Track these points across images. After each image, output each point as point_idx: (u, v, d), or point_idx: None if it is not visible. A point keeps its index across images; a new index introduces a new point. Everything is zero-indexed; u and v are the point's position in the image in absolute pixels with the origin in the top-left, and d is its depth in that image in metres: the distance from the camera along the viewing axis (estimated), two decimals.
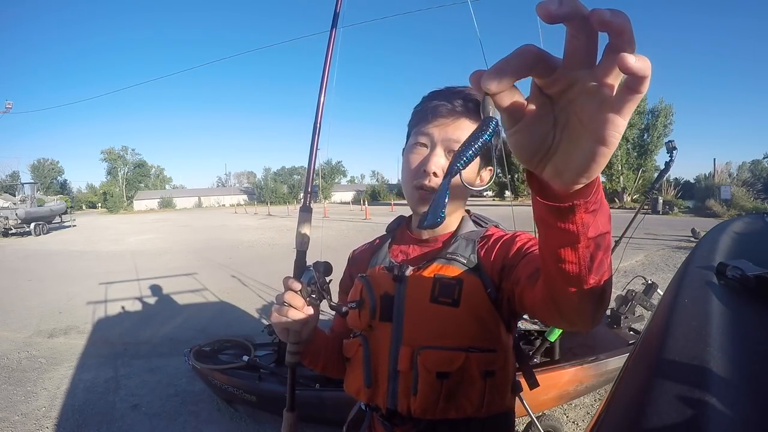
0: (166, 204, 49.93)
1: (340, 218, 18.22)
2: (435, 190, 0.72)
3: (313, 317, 0.74)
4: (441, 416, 0.70)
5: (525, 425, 2.12)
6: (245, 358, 2.48)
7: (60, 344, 4.02)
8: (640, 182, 24.65)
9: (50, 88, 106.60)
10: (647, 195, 3.13)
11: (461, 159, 0.29)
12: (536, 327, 2.28)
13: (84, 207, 51.55)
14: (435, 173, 0.72)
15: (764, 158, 24.66)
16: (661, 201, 17.45)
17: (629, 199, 23.72)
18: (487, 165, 0.79)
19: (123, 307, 5.20)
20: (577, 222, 0.36)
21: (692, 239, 8.72)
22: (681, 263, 0.83)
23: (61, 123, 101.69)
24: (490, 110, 0.29)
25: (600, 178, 0.35)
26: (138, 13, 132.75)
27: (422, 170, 0.73)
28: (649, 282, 2.67)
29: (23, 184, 20.64)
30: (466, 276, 0.71)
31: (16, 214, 15.40)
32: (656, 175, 2.76)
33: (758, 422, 0.32)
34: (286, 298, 0.71)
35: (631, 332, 2.63)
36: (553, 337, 2.06)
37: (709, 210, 16.24)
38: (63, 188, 56.56)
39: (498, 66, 0.28)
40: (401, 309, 0.73)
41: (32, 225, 15.91)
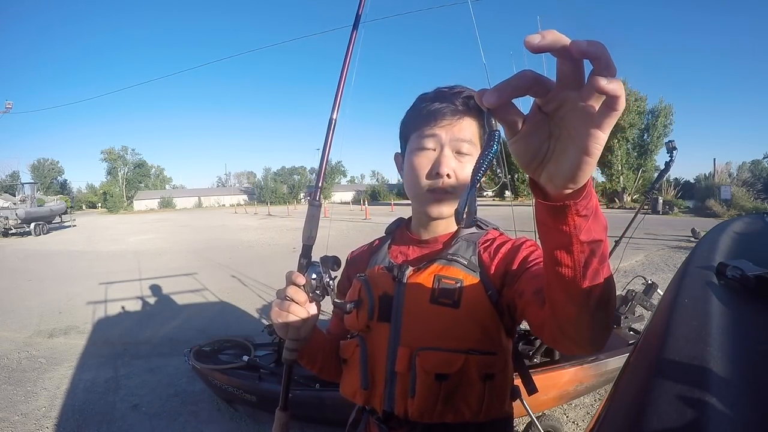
0: (166, 204, 49.92)
1: (340, 218, 18.22)
2: (447, 192, 0.74)
3: (315, 314, 0.73)
4: (438, 420, 0.69)
5: (525, 425, 2.12)
6: (245, 358, 2.48)
7: (60, 344, 4.02)
8: (640, 182, 24.65)
9: (50, 88, 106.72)
10: (647, 195, 3.13)
11: (480, 171, 0.35)
12: None
13: (84, 207, 51.53)
14: (448, 175, 0.73)
15: (764, 158, 24.67)
16: (661, 201, 17.44)
17: (629, 199, 23.72)
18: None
19: (123, 307, 5.20)
20: (570, 223, 0.39)
21: (692, 239, 8.72)
22: (681, 263, 0.82)
23: (61, 123, 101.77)
24: (494, 123, 0.35)
25: (593, 190, 0.39)
26: (138, 13, 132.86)
27: (435, 173, 0.73)
28: (649, 282, 2.67)
29: (23, 184, 20.64)
30: (467, 277, 0.70)
31: (16, 214, 15.39)
32: (656, 175, 2.76)
33: (758, 422, 0.32)
34: (289, 293, 0.69)
35: (631, 332, 2.63)
36: None
37: (709, 210, 16.23)
38: (63, 188, 56.54)
39: (498, 86, 0.32)
40: (400, 309, 0.73)
41: (32, 225, 15.91)
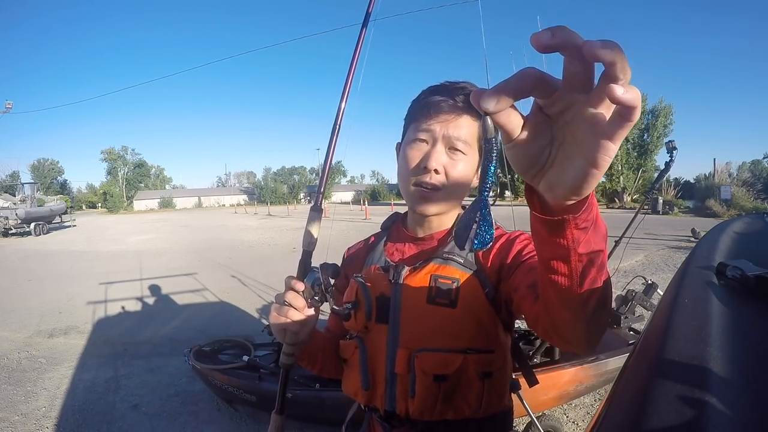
0: (166, 204, 49.94)
1: (341, 218, 18.21)
2: (436, 188, 0.72)
3: (313, 319, 0.73)
4: (439, 417, 0.70)
5: (525, 425, 2.12)
6: (245, 358, 2.48)
7: (60, 344, 4.02)
8: (640, 182, 24.65)
9: (50, 88, 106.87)
10: (647, 195, 3.13)
11: (486, 186, 0.32)
12: None
13: (84, 207, 51.56)
14: (436, 170, 0.70)
15: (764, 158, 24.68)
16: (661, 201, 17.45)
17: (629, 199, 23.72)
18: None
19: (123, 307, 5.20)
20: (568, 237, 0.37)
21: (692, 239, 8.72)
22: (681, 263, 0.82)
23: (61, 123, 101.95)
24: (490, 129, 0.31)
25: (594, 199, 0.36)
26: (138, 14, 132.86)
27: (423, 167, 0.71)
28: (649, 282, 2.66)
29: (23, 184, 20.64)
30: (464, 276, 0.70)
31: (16, 214, 15.39)
32: (656, 175, 2.76)
33: (758, 422, 0.32)
34: (287, 298, 0.69)
35: (631, 332, 2.62)
36: None
37: (709, 210, 16.24)
38: (63, 188, 56.57)
39: (497, 87, 0.29)
40: (397, 311, 0.72)
41: (32, 225, 15.91)
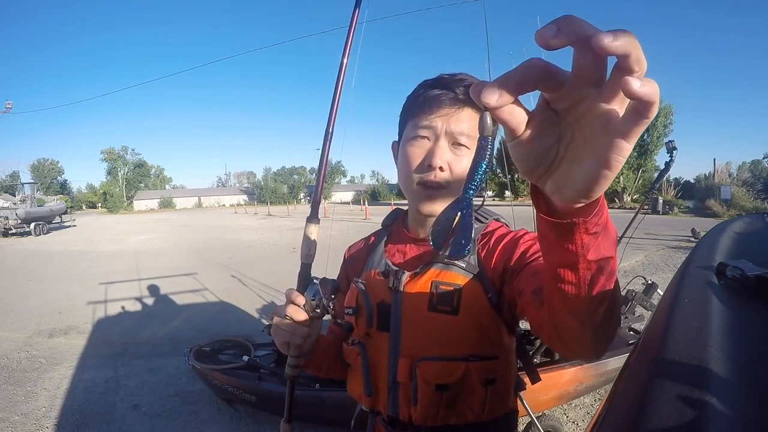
0: (166, 204, 49.93)
1: (341, 218, 18.20)
2: (441, 186, 0.69)
3: (315, 331, 0.72)
4: (442, 423, 0.69)
5: (525, 425, 2.12)
6: (245, 358, 2.48)
7: (60, 344, 4.02)
8: (640, 182, 24.65)
9: (50, 88, 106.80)
10: (647, 195, 3.14)
11: (471, 187, 0.29)
12: None
13: (84, 207, 51.58)
14: (441, 168, 0.68)
15: (764, 158, 24.66)
16: (661, 201, 17.45)
17: (629, 199, 23.72)
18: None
19: (123, 307, 5.20)
20: (577, 242, 0.34)
21: (692, 239, 8.72)
22: (681, 263, 0.82)
23: (61, 123, 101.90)
24: (488, 127, 0.28)
25: (605, 202, 0.33)
26: (138, 13, 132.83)
27: (427, 165, 0.68)
28: (649, 282, 2.66)
29: (23, 184, 20.65)
30: (466, 281, 0.68)
31: (16, 214, 15.39)
32: (656, 175, 2.76)
33: (758, 422, 0.32)
34: (288, 312, 0.68)
35: (631, 332, 2.63)
36: None
37: (709, 210, 16.23)
38: (63, 188, 56.54)
39: (499, 81, 0.26)
40: (398, 318, 0.71)
41: (32, 225, 15.91)
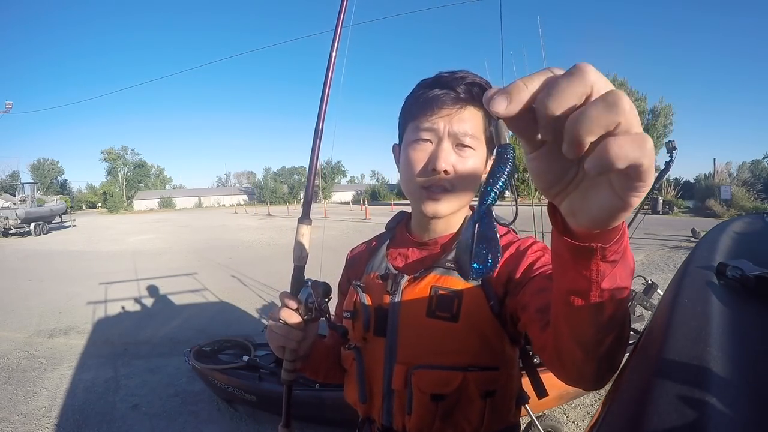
0: (166, 204, 49.94)
1: (340, 218, 18.21)
2: (445, 189, 0.67)
3: (311, 334, 0.72)
4: None
5: (525, 425, 2.12)
6: (245, 358, 2.48)
7: (60, 344, 4.02)
8: None
9: (50, 88, 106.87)
10: (647, 195, 3.12)
11: (487, 199, 0.28)
12: None
13: (84, 207, 51.57)
14: (446, 171, 0.65)
15: (764, 158, 24.68)
16: (661, 201, 17.45)
17: None
18: (492, 153, 0.73)
19: (123, 307, 5.20)
20: (593, 269, 0.32)
21: (692, 239, 8.71)
22: (681, 263, 0.82)
23: (61, 123, 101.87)
24: (503, 135, 0.27)
25: (626, 228, 0.31)
26: (138, 13, 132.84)
27: (431, 168, 0.66)
28: (649, 282, 2.66)
29: (23, 184, 20.65)
30: (467, 287, 0.65)
31: (16, 214, 15.40)
32: (656, 175, 2.75)
33: (758, 422, 0.32)
34: (282, 316, 0.68)
35: (631, 332, 2.62)
36: None
37: (709, 210, 16.23)
38: (63, 188, 56.57)
39: (512, 87, 0.24)
40: (395, 324, 0.69)
41: (32, 225, 15.92)
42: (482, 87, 0.67)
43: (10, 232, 15.37)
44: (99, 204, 49.58)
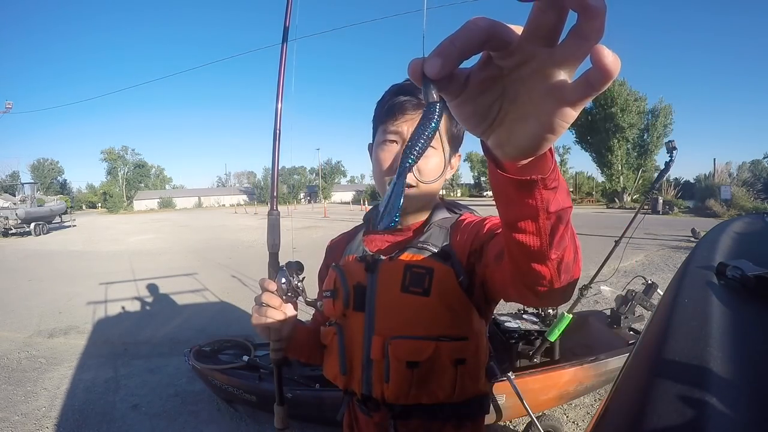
0: (166, 204, 49.97)
1: (340, 218, 18.21)
2: (412, 186, 0.74)
3: (292, 314, 0.77)
4: (414, 402, 0.72)
5: (525, 425, 2.12)
6: (245, 358, 2.48)
7: (60, 344, 4.02)
8: (640, 182, 24.67)
9: (50, 88, 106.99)
10: (647, 195, 3.13)
11: (411, 155, 0.28)
12: (536, 327, 2.27)
13: (84, 207, 51.61)
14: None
15: (764, 158, 24.69)
16: (661, 201, 17.47)
17: (629, 199, 23.73)
18: (456, 151, 0.81)
19: (123, 307, 5.20)
20: (537, 197, 0.35)
21: (692, 239, 8.72)
22: (681, 263, 0.82)
23: (61, 123, 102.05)
24: (433, 95, 0.27)
25: (554, 155, 0.33)
26: (138, 13, 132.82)
27: (396, 167, 0.72)
28: (649, 282, 2.67)
29: (23, 184, 20.67)
30: (437, 265, 0.71)
31: (16, 214, 15.40)
32: (656, 175, 2.75)
33: (758, 422, 0.32)
34: (264, 299, 0.74)
35: (631, 332, 2.62)
36: (553, 337, 2.05)
37: (709, 210, 16.26)
38: (63, 188, 56.59)
39: (441, 49, 0.24)
40: (373, 298, 0.75)
41: (32, 225, 15.91)
42: None
43: (10, 232, 15.37)
44: (99, 204, 49.64)
